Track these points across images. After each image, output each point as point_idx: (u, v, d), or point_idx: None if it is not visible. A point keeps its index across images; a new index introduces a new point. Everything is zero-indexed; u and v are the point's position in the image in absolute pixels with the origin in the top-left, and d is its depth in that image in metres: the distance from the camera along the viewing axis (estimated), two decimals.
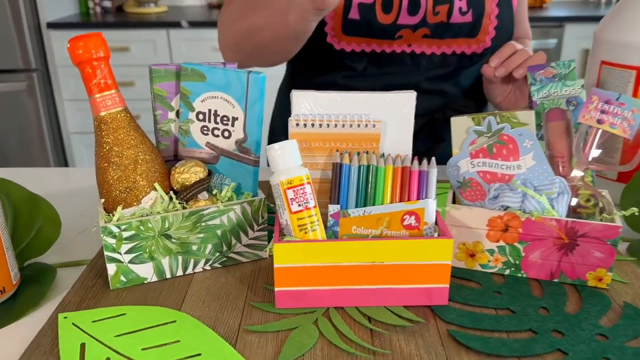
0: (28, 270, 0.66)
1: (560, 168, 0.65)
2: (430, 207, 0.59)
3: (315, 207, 0.58)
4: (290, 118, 0.61)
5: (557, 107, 0.66)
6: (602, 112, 0.61)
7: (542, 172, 0.62)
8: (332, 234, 0.60)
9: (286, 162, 0.57)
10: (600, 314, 0.56)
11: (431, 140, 0.99)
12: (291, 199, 0.57)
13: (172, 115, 0.66)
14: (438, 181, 0.78)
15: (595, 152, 0.63)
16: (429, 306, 0.58)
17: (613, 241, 0.58)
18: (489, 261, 0.64)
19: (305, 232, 0.57)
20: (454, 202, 0.67)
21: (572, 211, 0.65)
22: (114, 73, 0.61)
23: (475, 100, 1.02)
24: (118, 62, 2.50)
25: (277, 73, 1.13)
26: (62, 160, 2.69)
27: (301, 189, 0.57)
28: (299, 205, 0.57)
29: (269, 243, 0.67)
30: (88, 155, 2.71)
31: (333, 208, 0.60)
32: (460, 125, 0.66)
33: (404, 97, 0.61)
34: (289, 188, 0.57)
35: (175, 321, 0.56)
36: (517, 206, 0.60)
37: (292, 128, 0.61)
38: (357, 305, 0.58)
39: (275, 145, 0.57)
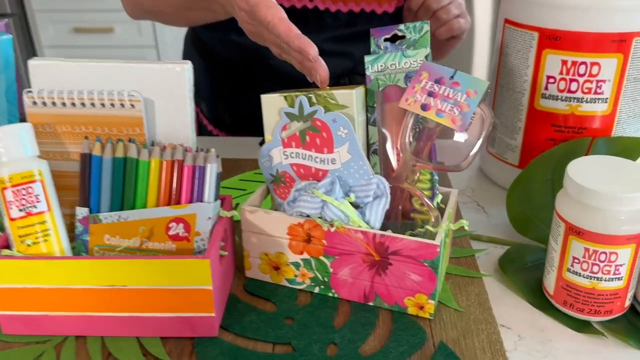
0: None
1: (397, 160, 0.52)
2: (204, 212, 0.47)
3: (48, 211, 0.45)
4: (24, 93, 0.48)
5: (393, 84, 0.51)
6: (430, 94, 0.46)
7: (358, 169, 0.49)
8: (81, 245, 0.48)
9: (10, 152, 0.45)
10: (402, 357, 0.44)
11: None
12: (9, 201, 0.44)
13: None
14: None
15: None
16: (194, 338, 0.46)
17: (431, 262, 0.45)
18: (296, 276, 0.51)
19: (32, 244, 0.45)
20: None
21: (406, 217, 0.52)
22: None
23: None
24: None
25: None
26: None
27: (24, 189, 0.44)
28: (21, 210, 0.44)
29: None
30: None
31: (81, 212, 0.47)
32: (272, 106, 0.52)
33: (173, 69, 0.47)
34: (8, 187, 0.44)
35: None
36: (316, 213, 0.47)
37: (28, 107, 0.48)
38: (102, 335, 0.46)
39: None
